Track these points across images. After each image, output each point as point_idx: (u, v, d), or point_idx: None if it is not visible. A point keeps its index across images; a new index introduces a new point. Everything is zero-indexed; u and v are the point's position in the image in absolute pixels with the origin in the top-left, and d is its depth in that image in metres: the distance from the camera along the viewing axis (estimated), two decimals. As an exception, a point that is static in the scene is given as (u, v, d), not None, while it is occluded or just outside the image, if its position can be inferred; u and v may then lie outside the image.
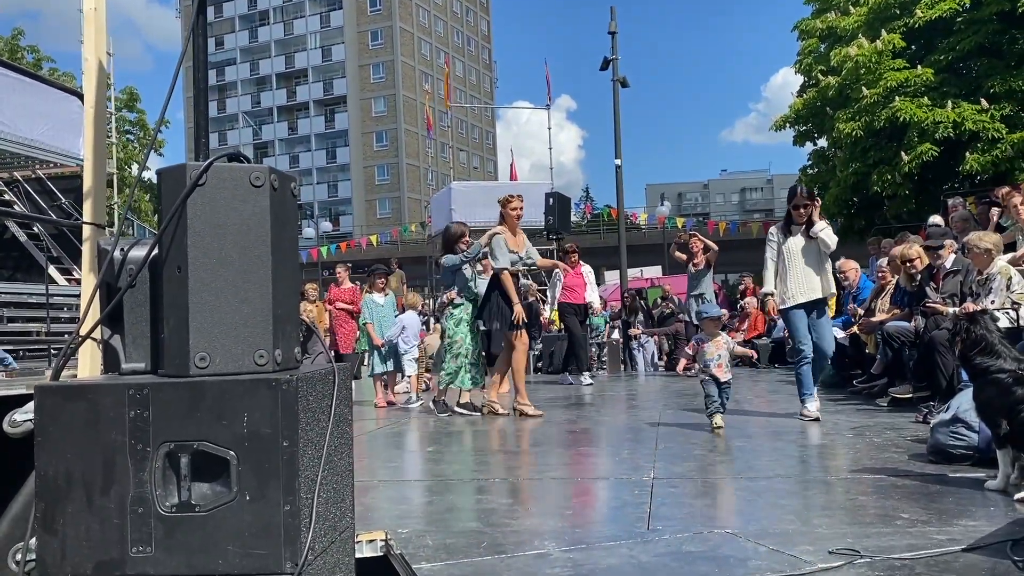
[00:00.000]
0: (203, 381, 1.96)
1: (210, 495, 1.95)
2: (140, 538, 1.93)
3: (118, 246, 2.16)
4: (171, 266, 2.02)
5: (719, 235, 26.46)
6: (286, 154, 75.04)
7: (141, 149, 30.16)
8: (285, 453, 1.95)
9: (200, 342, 1.99)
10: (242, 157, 2.14)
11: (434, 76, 69.56)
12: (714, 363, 5.72)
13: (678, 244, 12.56)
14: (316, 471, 2.08)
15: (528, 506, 3.50)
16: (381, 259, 18.77)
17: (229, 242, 2.02)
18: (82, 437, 1.95)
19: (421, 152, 69.36)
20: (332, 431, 2.21)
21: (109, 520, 1.94)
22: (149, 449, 1.94)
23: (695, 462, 4.59)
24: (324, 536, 2.11)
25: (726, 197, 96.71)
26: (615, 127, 17.51)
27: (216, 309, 2.01)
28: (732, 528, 3.04)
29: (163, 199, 2.05)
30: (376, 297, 8.72)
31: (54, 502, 1.95)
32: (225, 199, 2.02)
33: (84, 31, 2.79)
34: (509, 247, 7.03)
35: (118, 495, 1.94)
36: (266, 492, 1.94)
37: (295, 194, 2.26)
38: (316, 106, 74.93)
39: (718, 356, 5.74)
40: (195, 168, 2.00)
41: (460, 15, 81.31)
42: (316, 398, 2.15)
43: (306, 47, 74.91)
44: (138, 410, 1.94)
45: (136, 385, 1.96)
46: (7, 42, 25.53)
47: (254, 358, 2.04)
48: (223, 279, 2.02)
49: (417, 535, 3.00)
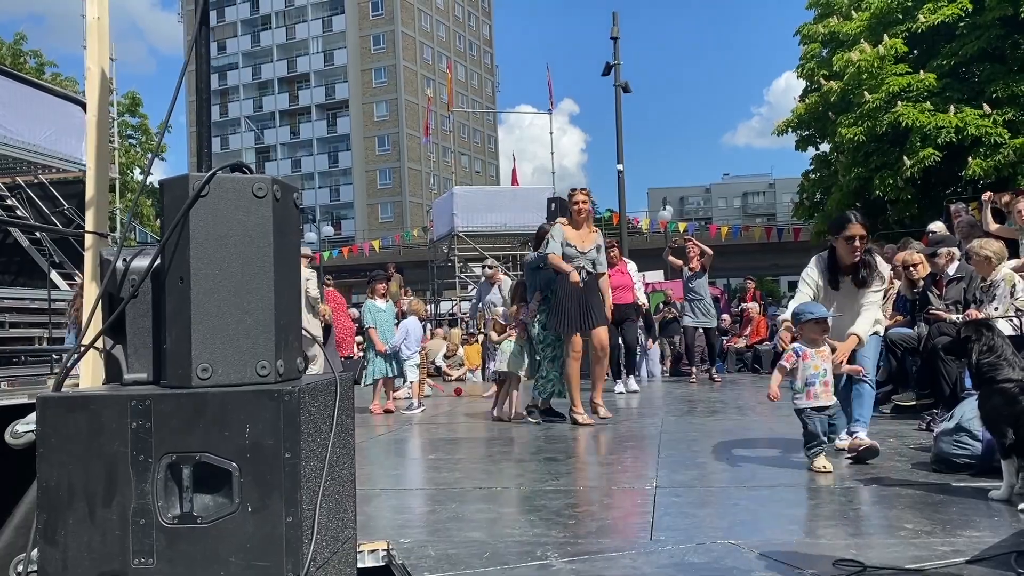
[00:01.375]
0: (205, 392, 1.96)
1: (212, 507, 1.95)
2: (142, 550, 1.93)
3: (120, 256, 2.16)
4: (174, 277, 2.02)
5: (721, 239, 26.46)
6: (288, 158, 75.19)
7: (143, 154, 30.23)
8: (287, 464, 1.95)
9: (202, 353, 1.99)
10: (245, 168, 2.13)
11: (436, 80, 69.69)
12: (819, 381, 4.34)
13: (673, 249, 12.56)
14: (318, 482, 2.08)
15: (531, 516, 3.48)
16: (383, 264, 18.80)
17: (231, 253, 2.02)
18: (84, 448, 1.95)
19: (423, 156, 69.47)
20: (334, 441, 2.20)
21: (111, 531, 1.93)
22: (151, 460, 1.93)
23: (697, 470, 4.58)
24: (326, 547, 2.11)
25: (728, 201, 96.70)
26: (617, 133, 17.53)
27: (218, 320, 2.01)
28: (735, 539, 3.03)
29: (165, 210, 2.05)
30: (378, 303, 8.71)
31: (56, 513, 1.94)
32: (227, 210, 2.02)
33: (87, 40, 2.79)
34: (566, 239, 6.80)
35: (120, 506, 1.93)
36: (268, 503, 1.94)
37: (297, 204, 2.25)
38: (318, 110, 75.07)
39: (823, 371, 4.36)
40: (197, 179, 2.00)
41: (462, 19, 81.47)
42: (318, 408, 2.14)
43: (308, 51, 75.09)
44: (140, 421, 1.94)
45: (138, 396, 1.96)
46: (9, 47, 25.59)
47: (256, 369, 2.04)
48: (225, 290, 2.02)
49: (419, 545, 2.99)
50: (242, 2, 75.93)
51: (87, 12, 2.81)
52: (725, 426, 6.50)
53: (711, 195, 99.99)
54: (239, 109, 76.63)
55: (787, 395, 4.67)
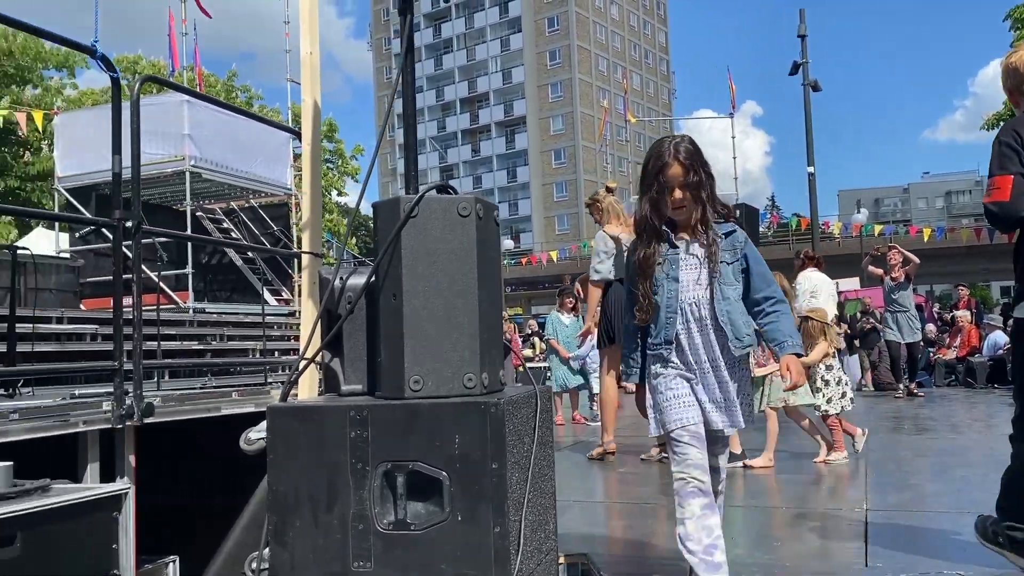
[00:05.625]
0: (418, 404, 2.04)
1: (424, 514, 2.02)
2: (361, 554, 2.03)
3: (338, 275, 2.30)
4: (387, 294, 2.12)
5: (922, 242, 24.55)
6: (469, 175, 77.70)
7: (339, 177, 32.29)
8: (494, 475, 1.99)
9: (414, 366, 2.07)
10: (449, 188, 2.21)
11: (611, 91, 69.66)
12: None
13: (873, 257, 11.73)
14: (523, 493, 2.10)
15: (732, 536, 3.36)
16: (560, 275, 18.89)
17: (439, 270, 2.10)
18: (309, 455, 2.08)
19: (599, 167, 69.54)
20: (536, 453, 2.23)
21: (333, 535, 2.05)
22: (368, 468, 2.03)
23: (911, 492, 4.25)
24: (531, 558, 2.13)
25: (929, 202, 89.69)
26: (807, 134, 16.73)
27: (428, 334, 2.09)
28: (962, 569, 2.78)
29: (378, 231, 2.16)
30: (563, 317, 8.74)
31: (284, 516, 2.08)
32: (436, 229, 2.10)
33: (301, 74, 3.00)
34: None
35: (340, 512, 2.04)
36: (477, 513, 1.98)
37: (497, 222, 2.31)
38: (497, 128, 77.12)
39: None
40: (408, 201, 2.09)
41: (637, 28, 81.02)
42: (521, 420, 2.17)
43: (487, 71, 77.39)
44: (359, 431, 2.05)
45: (356, 407, 2.07)
46: (224, 84, 28.17)
47: (463, 381, 2.10)
48: (434, 305, 2.10)
49: (616, 560, 2.96)
50: (426, 27, 79.50)
51: (301, 48, 3.01)
52: (938, 444, 6.00)
53: (909, 195, 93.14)
54: (424, 131, 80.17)
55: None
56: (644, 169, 2.57)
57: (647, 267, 2.52)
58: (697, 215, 2.50)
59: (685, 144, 2.51)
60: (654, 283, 2.51)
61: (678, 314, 2.49)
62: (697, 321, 2.49)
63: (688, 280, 2.51)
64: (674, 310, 2.50)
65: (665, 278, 2.51)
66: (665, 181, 2.47)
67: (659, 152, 2.51)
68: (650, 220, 2.53)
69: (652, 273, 2.52)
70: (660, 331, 2.52)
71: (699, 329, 2.49)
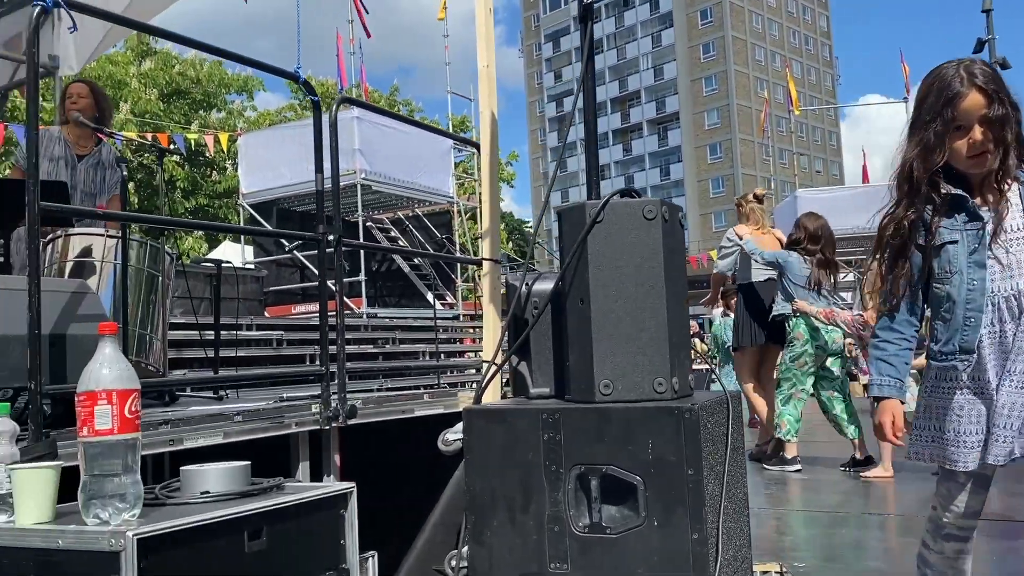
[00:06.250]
0: (609, 408, 2.05)
1: (619, 518, 2.03)
2: (557, 555, 2.07)
3: (524, 281, 2.35)
4: (574, 298, 2.15)
5: None
6: (621, 175, 77.22)
7: (495, 182, 32.97)
8: (690, 481, 1.96)
9: (603, 370, 2.09)
10: (634, 192, 2.21)
11: (770, 81, 67.22)
12: None
13: None
14: (718, 499, 2.07)
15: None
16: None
17: (626, 274, 2.10)
18: (503, 456, 2.13)
19: (758, 160, 67.28)
20: (729, 459, 2.19)
21: (529, 536, 2.09)
22: (562, 471, 2.06)
23: None
24: (727, 565, 2.09)
25: None
26: (991, 114, 15.47)
27: (616, 338, 2.09)
28: None
29: (564, 237, 2.19)
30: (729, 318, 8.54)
31: (482, 516, 2.15)
32: (621, 233, 2.11)
33: (479, 87, 3.10)
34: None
35: (536, 513, 2.09)
36: (673, 519, 1.97)
37: (682, 224, 2.29)
38: (649, 126, 76.26)
39: None
40: (593, 207, 2.11)
41: (796, 15, 77.78)
42: (713, 425, 2.14)
43: (639, 69, 76.69)
44: (551, 433, 2.08)
45: (548, 410, 2.10)
46: (387, 98, 29.42)
47: (653, 385, 2.09)
48: (622, 309, 2.10)
49: (814, 570, 2.85)
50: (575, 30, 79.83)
51: (478, 61, 3.11)
52: None
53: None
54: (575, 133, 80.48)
55: None
56: (919, 107, 1.96)
57: (896, 235, 1.99)
58: (995, 165, 1.88)
59: (980, 66, 1.91)
60: (948, 268, 1.93)
61: (984, 312, 1.88)
62: (1015, 320, 1.87)
63: (1013, 262, 1.86)
64: (978, 307, 1.88)
65: (966, 262, 1.90)
66: (958, 116, 1.86)
67: (945, 79, 1.89)
68: (913, 170, 1.94)
69: (901, 245, 1.99)
70: (953, 336, 1.92)
71: (1015, 330, 1.86)
